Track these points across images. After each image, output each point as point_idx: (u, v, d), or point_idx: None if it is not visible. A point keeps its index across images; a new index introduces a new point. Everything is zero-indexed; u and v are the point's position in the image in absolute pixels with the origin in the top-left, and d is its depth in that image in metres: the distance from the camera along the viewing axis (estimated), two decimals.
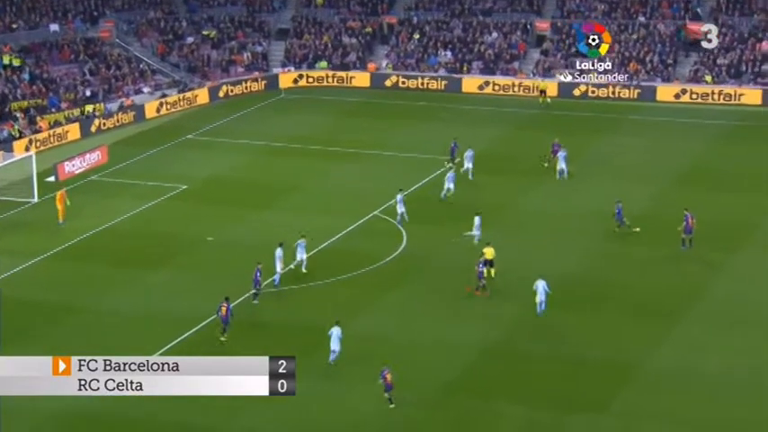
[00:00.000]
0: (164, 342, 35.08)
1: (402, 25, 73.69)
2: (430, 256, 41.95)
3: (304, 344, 34.80)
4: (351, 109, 64.83)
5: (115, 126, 60.43)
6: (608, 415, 30.84)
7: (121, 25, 71.03)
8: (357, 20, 74.05)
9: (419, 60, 70.70)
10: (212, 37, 71.96)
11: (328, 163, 54.35)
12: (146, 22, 72.20)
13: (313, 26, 73.75)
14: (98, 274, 40.56)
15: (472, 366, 33.69)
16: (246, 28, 73.52)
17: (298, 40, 72.99)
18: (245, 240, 43.77)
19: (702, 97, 64.90)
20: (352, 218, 45.83)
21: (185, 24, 72.90)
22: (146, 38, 71.01)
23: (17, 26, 66.66)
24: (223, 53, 71.07)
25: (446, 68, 70.09)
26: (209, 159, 55.12)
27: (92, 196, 49.56)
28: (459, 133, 57.50)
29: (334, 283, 39.34)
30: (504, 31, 71.83)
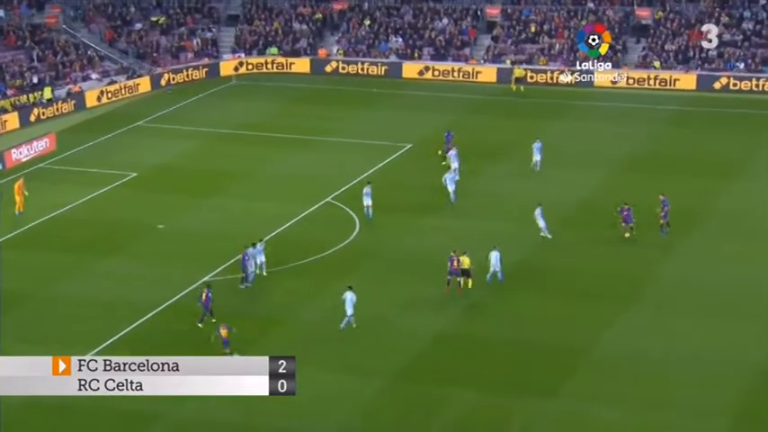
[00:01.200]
0: (116, 330, 35.12)
1: (352, 11, 73.80)
2: (382, 244, 42.24)
3: (251, 331, 35.01)
4: (300, 95, 64.89)
5: (55, 115, 59.73)
6: (557, 398, 31.40)
7: (68, 11, 70.43)
8: (307, 6, 74.02)
9: (370, 47, 70.87)
10: (161, 23, 71.58)
11: (279, 150, 54.45)
12: (93, 8, 71.65)
13: (263, 12, 73.62)
14: (49, 262, 40.44)
15: (423, 353, 34.09)
16: (196, 14, 73.22)
17: (248, 27, 72.84)
18: (195, 228, 43.81)
19: (639, 82, 65.74)
20: (304, 205, 46.02)
21: (134, 10, 72.42)
22: (93, 24, 70.48)
23: None
24: (172, 39, 70.71)
25: (397, 54, 70.33)
26: (159, 146, 54.96)
27: (40, 184, 49.24)
28: (407, 119, 58.00)
29: (284, 271, 39.48)
30: (455, 18, 72.21)
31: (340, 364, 33.29)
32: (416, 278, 38.65)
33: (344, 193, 47.48)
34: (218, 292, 37.27)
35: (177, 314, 36.65)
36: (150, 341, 34.56)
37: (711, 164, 51.42)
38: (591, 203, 46.09)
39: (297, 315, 36.63)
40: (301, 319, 36.37)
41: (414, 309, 36.86)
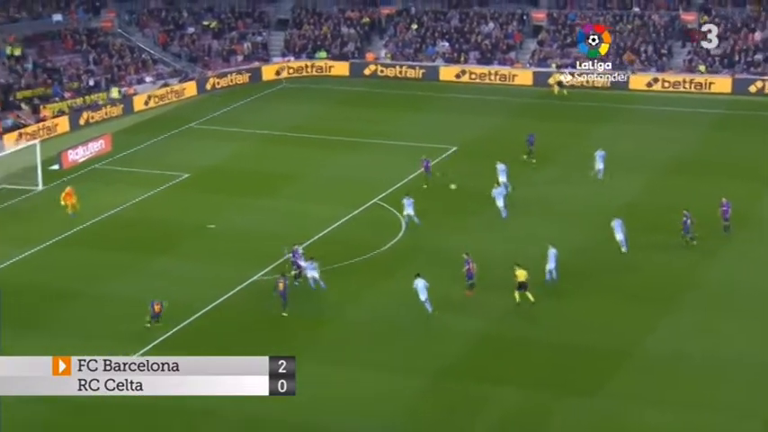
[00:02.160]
0: (165, 329, 35.44)
1: (400, 16, 73.91)
2: (427, 245, 42.27)
3: (299, 331, 35.22)
4: (345, 98, 65.08)
5: (104, 119, 59.95)
6: (599, 399, 31.24)
7: (123, 15, 71.22)
8: (356, 10, 74.25)
9: (417, 50, 70.92)
10: (213, 27, 72.16)
11: (327, 152, 54.64)
12: (147, 13, 72.41)
13: (312, 16, 73.99)
14: (102, 261, 40.88)
15: (467, 353, 34.07)
16: (247, 18, 73.73)
17: (297, 31, 73.21)
18: (245, 228, 44.11)
19: (674, 86, 65.21)
20: (351, 206, 46.16)
21: (186, 15, 73.11)
22: (147, 28, 71.22)
23: (20, 17, 66.82)
24: (224, 43, 71.27)
25: (443, 58, 70.35)
26: (211, 148, 55.39)
27: (95, 184, 49.87)
28: (450, 122, 58.01)
29: (331, 271, 39.65)
30: (501, 22, 72.07)
31: (384, 363, 33.36)
32: (461, 279, 38.63)
33: (391, 194, 47.57)
34: (266, 292, 37.55)
35: (227, 313, 36.93)
36: (199, 341, 34.85)
37: (752, 168, 50.87)
38: (635, 207, 45.77)
39: (343, 315, 36.77)
40: (347, 319, 36.50)
41: (457, 309, 36.84)
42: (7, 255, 41.42)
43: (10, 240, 43.02)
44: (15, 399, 22.23)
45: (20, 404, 25.62)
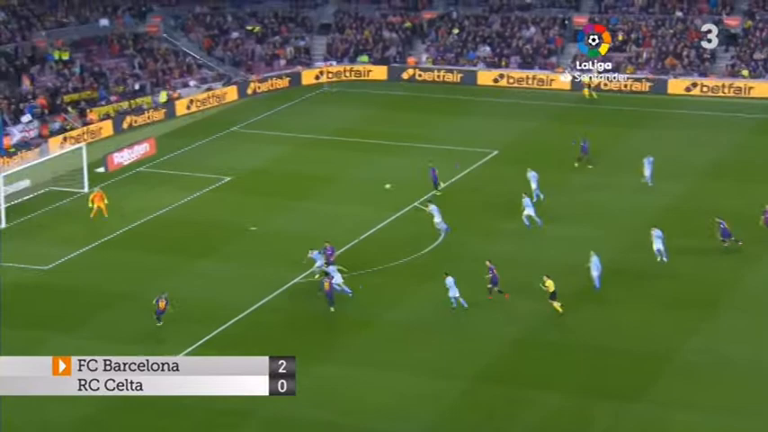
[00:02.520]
0: (208, 330, 35.65)
1: (441, 20, 73.87)
2: (467, 248, 42.19)
3: (338, 331, 35.30)
4: (385, 102, 65.10)
5: (146, 122, 60.32)
6: (640, 403, 31.01)
7: (169, 20, 71.78)
8: (398, 15, 74.33)
9: (458, 55, 70.85)
10: (256, 32, 72.55)
11: (367, 155, 54.73)
12: (192, 18, 72.93)
13: (355, 21, 74.13)
14: (145, 263, 41.20)
15: (506, 356, 33.96)
16: (290, 23, 74.02)
17: (339, 35, 73.40)
18: (287, 230, 44.27)
19: (713, 90, 64.60)
20: (391, 209, 46.19)
21: (230, 19, 73.55)
22: (192, 32, 71.73)
23: (68, 21, 67.62)
24: (267, 47, 71.62)
25: (484, 63, 70.21)
26: (253, 151, 55.67)
27: (140, 187, 50.30)
28: (490, 126, 57.93)
29: (371, 274, 39.70)
30: (542, 26, 71.79)
31: (423, 365, 33.33)
32: (500, 283, 38.50)
33: (432, 198, 47.53)
34: (307, 294, 37.70)
35: (268, 315, 37.08)
36: (241, 342, 35.03)
37: None
38: (676, 211, 45.40)
39: (382, 317, 36.80)
40: (386, 321, 36.52)
41: (497, 312, 36.74)
42: (54, 256, 41.88)
43: (56, 241, 43.50)
44: (65, 398, 22.29)
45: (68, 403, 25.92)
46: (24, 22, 65.58)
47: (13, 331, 35.35)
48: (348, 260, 40.61)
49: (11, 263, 41.24)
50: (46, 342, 34.78)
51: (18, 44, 63.30)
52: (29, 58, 62.54)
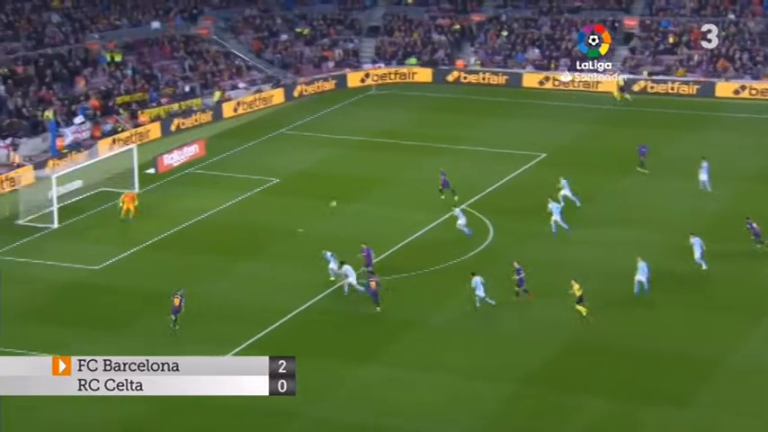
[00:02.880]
0: (254, 331, 35.77)
1: (490, 23, 73.61)
2: (515, 251, 41.94)
3: (383, 334, 35.27)
4: (431, 104, 64.93)
5: (194, 125, 60.38)
6: (690, 408, 30.67)
7: (219, 22, 72.23)
8: (446, 17, 74.18)
9: (507, 57, 70.54)
10: (305, 34, 72.77)
11: (414, 157, 54.64)
12: (242, 20, 73.33)
13: (403, 23, 74.07)
14: (193, 264, 41.43)
15: (554, 360, 33.73)
16: (338, 25, 74.17)
17: (388, 38, 73.39)
18: (334, 232, 44.31)
19: (762, 93, 63.65)
20: (439, 211, 46.07)
21: (280, 22, 73.85)
22: (242, 35, 72.14)
23: (121, 24, 68.29)
24: (315, 50, 71.81)
25: (533, 65, 69.85)
26: (300, 153, 55.81)
27: (189, 188, 50.61)
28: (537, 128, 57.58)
29: (417, 276, 39.62)
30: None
31: (469, 368, 33.20)
32: (548, 286, 38.27)
33: (480, 200, 47.38)
34: (353, 296, 37.74)
35: (315, 316, 37.14)
36: (286, 344, 35.11)
37: None
38: (724, 216, 44.82)
39: (428, 319, 36.72)
40: (433, 324, 36.44)
41: (544, 315, 36.50)
42: (104, 256, 42.27)
43: (107, 242, 43.89)
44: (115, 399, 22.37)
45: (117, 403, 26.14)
46: (78, 25, 66.35)
47: (63, 329, 35.79)
48: (394, 263, 40.59)
49: (62, 262, 41.73)
50: (92, 341, 35.10)
51: (71, 46, 64.05)
52: (82, 60, 63.25)
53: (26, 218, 45.94)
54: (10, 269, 41.17)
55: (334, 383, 32.38)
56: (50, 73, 60.46)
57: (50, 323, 36.58)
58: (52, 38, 64.11)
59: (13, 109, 56.86)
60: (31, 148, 55.10)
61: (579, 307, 35.78)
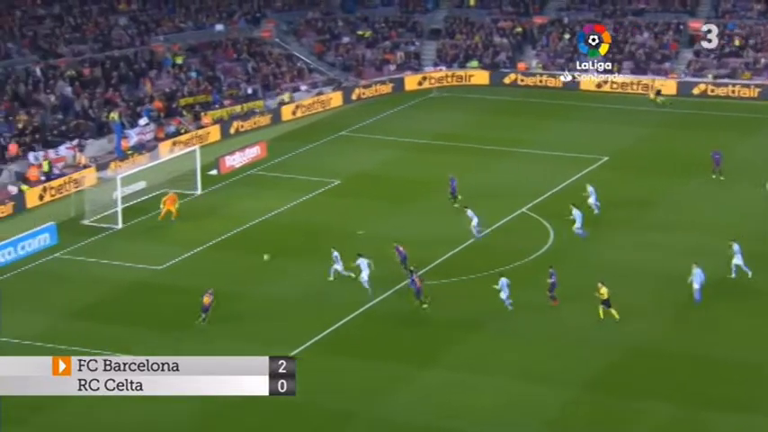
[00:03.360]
0: (316, 331, 35.90)
1: (553, 25, 73.15)
2: (575, 255, 41.68)
3: (444, 337, 35.20)
4: (491, 107, 64.67)
5: (252, 128, 60.47)
6: (756, 415, 30.20)
7: (282, 25, 72.70)
8: (508, 20, 73.87)
9: (569, 60, 70.00)
10: (367, 37, 72.95)
11: (474, 160, 54.50)
12: (305, 23, 73.72)
13: (465, 26, 73.92)
14: (255, 264, 41.67)
15: (615, 364, 33.41)
16: (400, 28, 74.22)
17: (450, 40, 73.27)
18: (395, 234, 44.28)
19: None
20: (499, 214, 45.90)
21: (341, 24, 74.12)
22: (304, 37, 72.53)
23: (185, 26, 69.05)
24: (377, 52, 71.95)
25: (597, 69, 69.17)
26: (361, 155, 55.91)
27: (251, 189, 50.99)
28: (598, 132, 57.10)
29: (478, 279, 39.49)
30: (656, 31, 70.50)
31: (530, 372, 33.02)
32: (611, 288, 37.87)
33: (540, 203, 47.10)
34: (407, 299, 37.75)
35: (375, 317, 37.18)
36: (347, 345, 35.21)
37: None
38: None
39: (489, 322, 36.56)
40: (493, 327, 36.28)
41: (605, 320, 36.16)
42: (167, 256, 42.72)
43: (170, 242, 44.34)
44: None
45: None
46: (143, 27, 67.22)
47: (124, 328, 36.23)
48: (455, 265, 40.48)
49: (126, 262, 42.26)
50: (152, 341, 35.49)
51: (137, 49, 64.90)
52: (147, 63, 64.06)
53: (91, 218, 46.62)
54: (74, 268, 41.90)
55: (394, 385, 32.39)
56: (116, 75, 61.30)
57: (112, 322, 37.03)
58: (118, 40, 65.03)
59: (80, 110, 57.76)
60: (96, 150, 55.90)
61: (611, 310, 35.47)
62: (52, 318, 37.46)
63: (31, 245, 43.11)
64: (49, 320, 37.22)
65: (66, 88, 58.72)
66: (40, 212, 47.81)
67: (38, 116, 55.62)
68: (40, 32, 63.25)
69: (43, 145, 53.75)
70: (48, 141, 54.19)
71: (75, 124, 56.46)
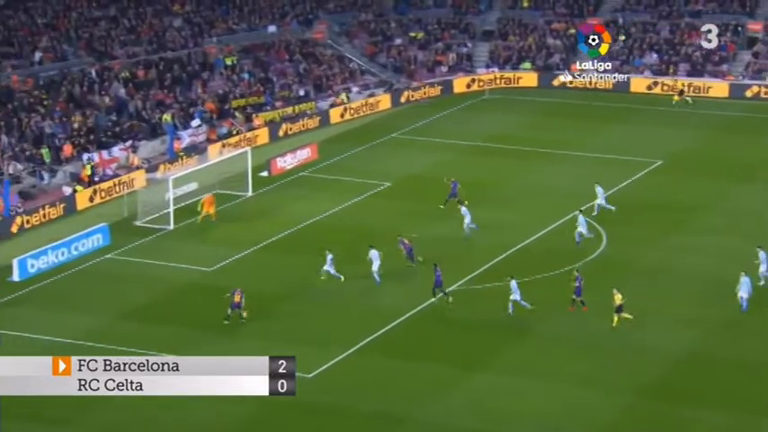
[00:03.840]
0: (367, 333, 35.83)
1: (607, 27, 72.34)
2: (629, 258, 41.21)
3: (493, 340, 34.96)
4: (544, 109, 64.25)
5: (300, 130, 60.30)
6: None
7: (334, 27, 72.82)
8: (562, 21, 73.31)
9: (624, 62, 69.30)
10: (419, 38, 72.82)
11: (527, 162, 54.18)
12: (357, 24, 73.78)
13: (518, 27, 73.48)
14: (306, 265, 41.61)
15: (670, 371, 33.00)
16: (452, 29, 74.00)
17: (502, 42, 72.87)
18: (445, 237, 44.16)
19: None
20: (552, 217, 45.53)
21: (394, 26, 74.06)
22: (356, 39, 72.60)
23: (238, 28, 69.47)
24: (429, 54, 71.79)
25: (651, 70, 68.50)
26: (413, 157, 55.80)
27: (301, 191, 51.07)
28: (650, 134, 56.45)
29: (530, 283, 39.18)
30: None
31: (583, 378, 32.66)
32: (663, 294, 37.45)
33: (593, 207, 46.63)
34: (468, 302, 37.52)
35: (427, 321, 37.04)
36: (398, 347, 35.10)
37: None
38: None
39: (541, 327, 36.25)
40: (546, 331, 35.97)
41: (661, 325, 35.72)
42: (217, 258, 42.84)
43: (220, 243, 44.45)
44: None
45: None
46: (197, 29, 67.73)
47: (174, 329, 36.43)
48: (506, 269, 40.14)
49: (177, 263, 42.50)
50: (200, 342, 35.63)
51: (190, 50, 65.42)
52: (200, 64, 64.53)
53: (143, 219, 46.99)
54: (126, 269, 42.24)
55: (445, 389, 32.22)
56: (170, 76, 61.80)
57: (162, 323, 37.22)
58: (172, 42, 65.57)
59: (134, 112, 58.32)
60: (150, 151, 56.39)
61: (617, 316, 35.13)
62: (104, 318, 37.79)
63: (84, 245, 43.55)
64: (100, 321, 37.56)
65: (120, 90, 59.34)
66: (90, 214, 48.27)
67: (92, 117, 56.24)
68: (95, 34, 64.00)
69: (97, 146, 54.30)
70: (101, 142, 54.77)
71: (129, 125, 57.02)
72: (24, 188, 50.48)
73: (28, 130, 53.69)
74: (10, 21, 62.43)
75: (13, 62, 59.17)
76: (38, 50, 60.68)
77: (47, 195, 50.32)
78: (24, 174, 51.09)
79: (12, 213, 46.82)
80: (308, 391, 31.62)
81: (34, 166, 51.63)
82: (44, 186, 51.22)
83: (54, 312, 38.32)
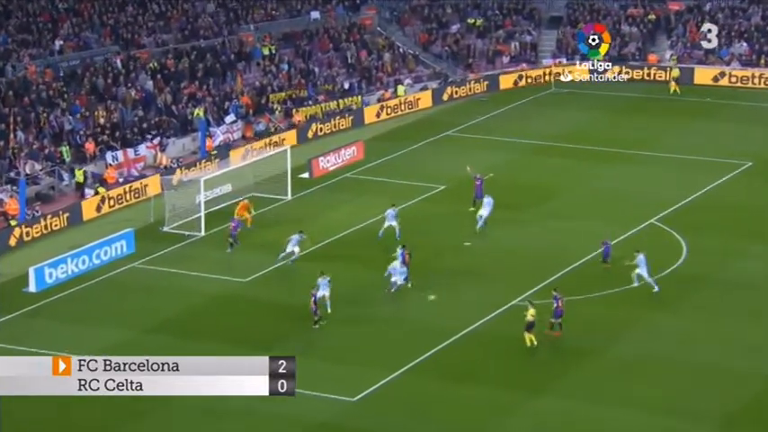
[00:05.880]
0: (419, 352, 36.00)
1: (690, 13, 72.01)
2: (712, 272, 41.02)
3: (557, 362, 35.00)
4: (610, 105, 64.07)
5: (332, 131, 60.21)
6: None
7: (384, 12, 73.06)
8: (639, 6, 73.00)
9: (708, 52, 68.86)
10: (478, 25, 72.82)
11: (596, 163, 54.12)
12: (409, 9, 73.90)
13: (589, 14, 73.24)
14: (347, 276, 41.48)
15: (757, 397, 32.82)
16: (515, 16, 73.89)
17: (571, 29, 72.66)
18: (506, 246, 44.23)
19: None
20: (625, 225, 45.44)
21: (450, 12, 74.05)
22: (408, 26, 72.73)
23: (278, 14, 69.86)
24: (489, 43, 71.78)
25: (740, 61, 68.00)
26: (470, 158, 55.75)
27: (346, 195, 51.26)
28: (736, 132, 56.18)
29: (599, 299, 39.15)
30: None
31: (657, 403, 32.61)
32: (749, 312, 37.24)
33: (671, 214, 46.50)
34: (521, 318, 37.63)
35: (485, 340, 37.16)
36: (452, 368, 35.26)
37: None
38: None
39: (608, 347, 36.21)
40: (614, 352, 35.93)
41: (749, 346, 35.54)
42: (253, 267, 43.07)
43: (256, 252, 44.59)
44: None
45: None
46: (232, 15, 68.19)
47: (208, 345, 36.80)
48: (572, 282, 40.14)
49: (209, 273, 42.87)
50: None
51: (225, 38, 65.80)
52: (236, 54, 64.87)
53: (172, 224, 47.26)
54: (152, 279, 42.71)
55: (504, 413, 32.33)
56: (202, 67, 62.17)
57: (192, 338, 37.48)
58: (205, 29, 66.06)
59: (162, 106, 58.72)
60: (179, 149, 56.86)
61: (527, 334, 35.28)
62: (127, 332, 38.21)
63: (106, 253, 44.05)
64: (123, 335, 37.99)
65: (147, 82, 59.87)
66: (113, 217, 48.75)
67: (117, 112, 56.70)
68: (120, 21, 64.73)
69: (122, 144, 54.81)
70: (126, 140, 55.21)
71: (157, 121, 57.50)
72: (42, 189, 51.20)
73: (46, 125, 54.42)
74: (28, 5, 63.29)
75: (30, 51, 59.96)
76: (58, 38, 61.53)
77: (66, 198, 51.00)
78: (42, 174, 51.85)
79: (28, 218, 47.50)
80: (352, 416, 32.05)
81: (53, 165, 52.36)
82: (63, 188, 51.86)
83: (73, 326, 38.92)
